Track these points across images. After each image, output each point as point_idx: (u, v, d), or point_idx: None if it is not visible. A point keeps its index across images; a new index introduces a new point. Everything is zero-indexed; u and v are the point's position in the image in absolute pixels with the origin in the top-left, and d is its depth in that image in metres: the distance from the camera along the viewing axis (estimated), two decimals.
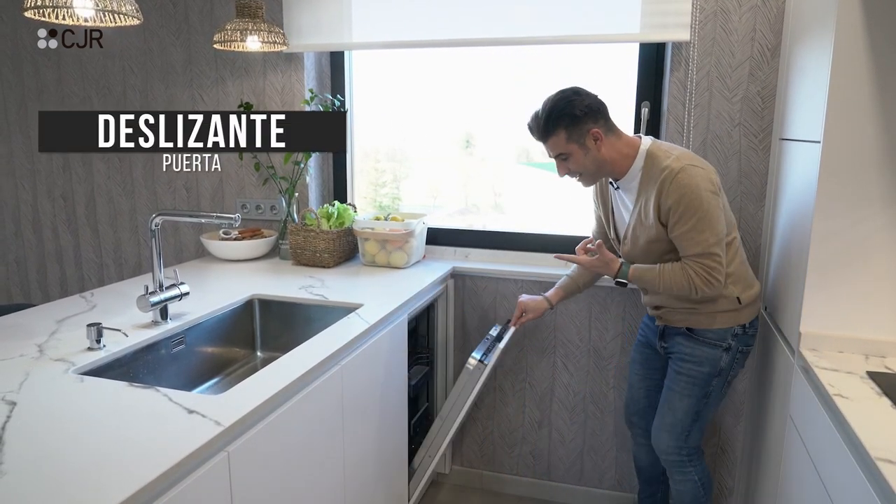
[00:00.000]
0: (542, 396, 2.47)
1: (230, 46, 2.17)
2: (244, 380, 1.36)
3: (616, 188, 1.84)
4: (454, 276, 2.44)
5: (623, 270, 1.79)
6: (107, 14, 1.47)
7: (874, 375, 1.40)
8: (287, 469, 1.37)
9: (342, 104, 2.53)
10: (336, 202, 2.47)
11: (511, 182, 2.76)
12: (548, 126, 1.72)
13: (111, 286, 2.14)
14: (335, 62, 2.60)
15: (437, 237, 2.55)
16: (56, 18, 1.45)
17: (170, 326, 1.69)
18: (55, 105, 2.80)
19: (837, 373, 1.42)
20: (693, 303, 1.77)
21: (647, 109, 2.21)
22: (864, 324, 1.53)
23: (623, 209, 1.85)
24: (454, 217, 2.78)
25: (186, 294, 1.75)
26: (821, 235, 1.53)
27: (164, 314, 1.70)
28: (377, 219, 2.44)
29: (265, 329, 2.04)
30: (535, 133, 1.76)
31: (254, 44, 2.16)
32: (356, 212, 2.53)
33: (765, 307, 1.99)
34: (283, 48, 2.25)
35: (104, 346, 1.50)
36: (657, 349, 1.94)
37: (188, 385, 1.74)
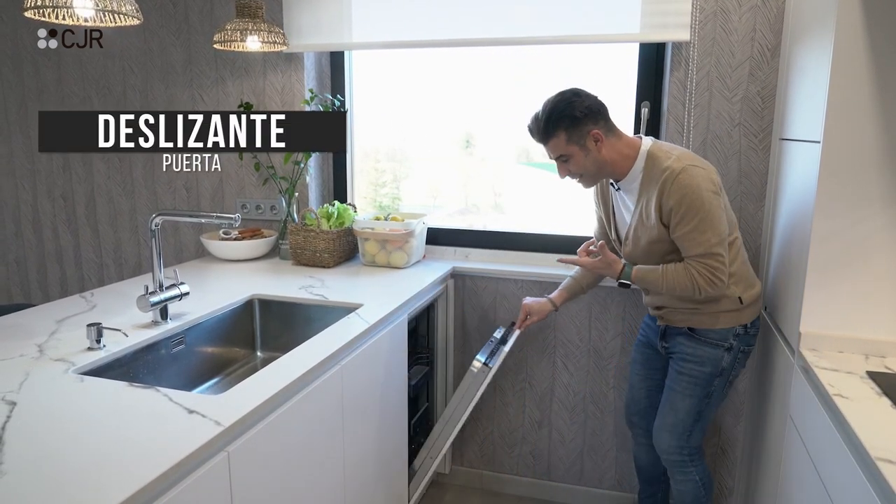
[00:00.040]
0: (543, 396, 2.47)
1: (230, 46, 2.17)
2: (244, 380, 1.36)
3: (617, 189, 1.84)
4: (454, 276, 2.44)
5: (626, 272, 1.79)
6: (107, 14, 1.47)
7: (874, 375, 1.40)
8: (287, 469, 1.37)
9: (342, 104, 2.53)
10: (336, 202, 2.47)
11: (511, 182, 2.76)
12: (548, 128, 1.71)
13: (111, 286, 2.14)
14: (335, 62, 2.60)
15: (438, 237, 2.55)
16: (56, 18, 1.45)
17: (170, 326, 1.69)
18: (55, 105, 2.80)
19: (837, 373, 1.42)
20: (695, 303, 1.77)
21: (647, 109, 2.21)
22: (864, 324, 1.53)
23: (624, 210, 1.85)
24: (454, 217, 2.78)
25: (186, 294, 1.75)
26: (821, 235, 1.53)
27: (164, 314, 1.70)
28: (377, 219, 2.44)
29: (265, 329, 2.04)
30: (536, 135, 1.76)
31: (254, 44, 2.16)
32: (356, 212, 2.53)
33: (765, 307, 1.99)
34: (283, 48, 2.25)
35: (104, 346, 1.50)
36: (658, 349, 1.94)
37: (188, 385, 1.74)
